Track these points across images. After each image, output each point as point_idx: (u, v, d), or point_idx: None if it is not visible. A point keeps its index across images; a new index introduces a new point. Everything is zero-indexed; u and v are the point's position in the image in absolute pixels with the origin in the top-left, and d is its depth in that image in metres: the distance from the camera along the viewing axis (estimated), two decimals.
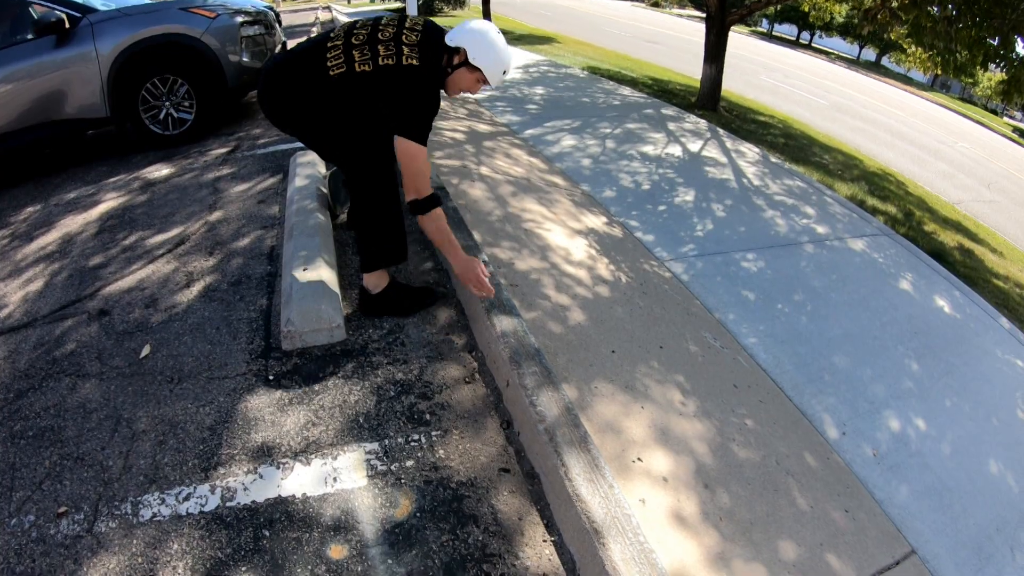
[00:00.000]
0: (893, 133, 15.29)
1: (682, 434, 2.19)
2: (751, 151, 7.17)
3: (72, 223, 3.99)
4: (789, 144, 8.73)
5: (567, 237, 3.70)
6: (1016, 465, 2.99)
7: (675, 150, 6.63)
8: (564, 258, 3.36)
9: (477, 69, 2.42)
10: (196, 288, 3.00)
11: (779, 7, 11.22)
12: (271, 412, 2.16)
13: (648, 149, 6.46)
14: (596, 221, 4.23)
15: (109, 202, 4.29)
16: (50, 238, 3.80)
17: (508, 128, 6.68)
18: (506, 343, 2.19)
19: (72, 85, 5.03)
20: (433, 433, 2.08)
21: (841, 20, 22.95)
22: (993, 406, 3.42)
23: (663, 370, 2.57)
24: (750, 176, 6.13)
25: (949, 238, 6.73)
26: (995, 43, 7.09)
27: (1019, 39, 7.00)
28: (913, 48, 8.47)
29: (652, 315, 3.06)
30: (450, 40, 2.43)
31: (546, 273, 3.10)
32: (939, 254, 5.56)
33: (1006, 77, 7.36)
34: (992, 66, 7.55)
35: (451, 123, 6.19)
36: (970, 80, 7.96)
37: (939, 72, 8.56)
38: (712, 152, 6.81)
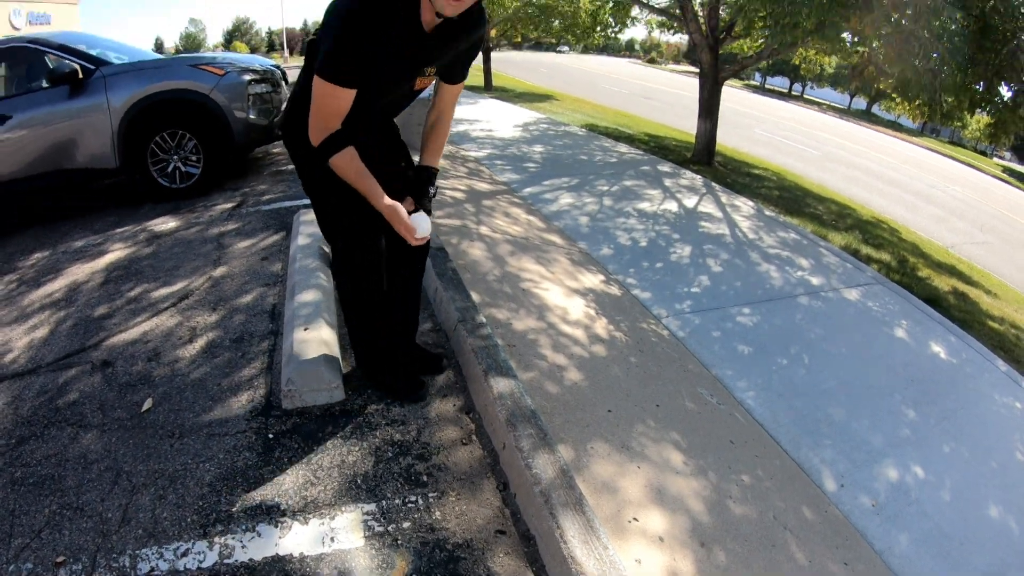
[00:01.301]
0: (885, 180, 15.52)
1: (678, 493, 2.23)
2: (746, 205, 7.31)
3: (79, 271, 4.09)
4: (783, 196, 8.88)
5: (564, 296, 3.78)
6: (1015, 507, 3.00)
7: (671, 206, 6.77)
8: (561, 317, 3.43)
9: None
10: (199, 343, 3.05)
11: (771, 61, 11.60)
12: (270, 471, 2.19)
13: (645, 206, 6.59)
14: (593, 279, 4.31)
15: (116, 252, 4.39)
16: (57, 285, 3.89)
17: (507, 186, 6.83)
18: (503, 405, 2.24)
19: (84, 135, 5.20)
20: (430, 494, 2.11)
21: (831, 71, 23.56)
22: (991, 449, 3.44)
23: (659, 428, 2.62)
24: (745, 230, 6.24)
25: (943, 282, 6.80)
26: (980, 88, 7.28)
27: (1003, 83, 7.20)
28: (900, 102, 8.69)
29: (648, 373, 3.12)
30: None
31: (543, 333, 3.17)
32: (934, 299, 5.63)
33: (992, 120, 7.55)
34: (978, 110, 7.74)
35: (452, 182, 6.35)
36: (959, 124, 8.19)
37: (927, 120, 8.76)
38: (708, 207, 6.94)
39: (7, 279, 4.15)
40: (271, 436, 2.36)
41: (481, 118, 13.24)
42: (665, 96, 27.18)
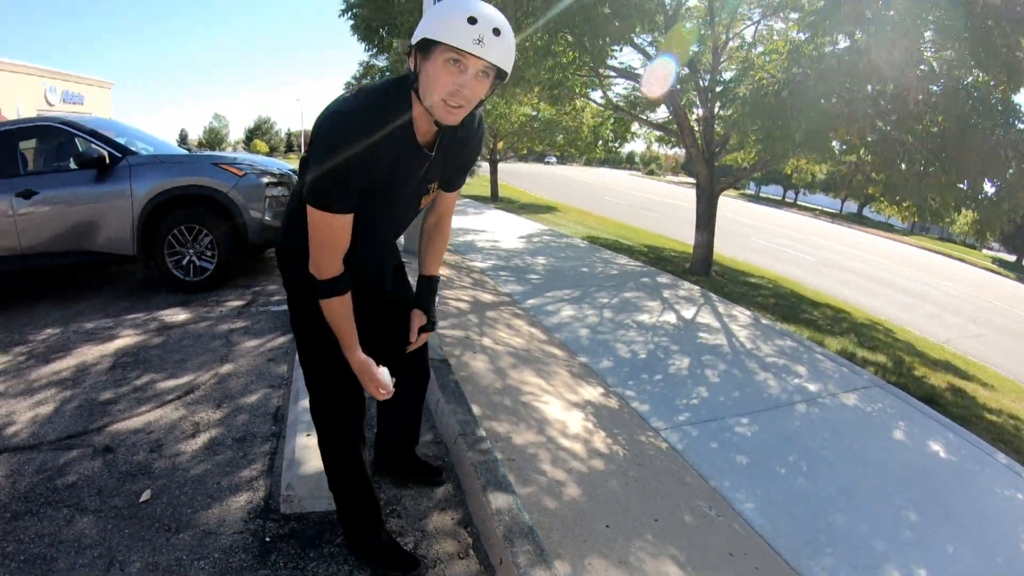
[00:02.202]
0: (879, 281, 15.80)
1: None
2: (743, 314, 7.48)
3: (88, 353, 4.15)
4: (779, 304, 9.08)
5: (564, 410, 3.87)
6: None
7: (670, 317, 6.94)
8: (560, 431, 3.52)
9: (430, 46, 1.63)
10: (201, 439, 3.07)
11: (764, 171, 12.20)
12: (265, 575, 2.19)
13: (644, 318, 6.76)
14: (593, 392, 4.42)
15: (126, 339, 4.47)
16: (66, 364, 3.95)
17: (511, 298, 7.03)
18: (500, 520, 2.30)
19: (105, 219, 5.42)
20: None
21: (823, 177, 24.41)
22: (996, 544, 3.46)
23: (657, 543, 2.66)
24: (742, 339, 6.38)
25: (940, 380, 6.87)
26: (964, 187, 7.57)
27: (987, 180, 7.49)
28: (888, 205, 9.02)
29: (647, 487, 3.17)
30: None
31: (542, 447, 3.26)
32: (930, 398, 5.70)
33: (978, 217, 7.80)
34: (964, 208, 7.99)
35: (456, 292, 6.55)
36: (947, 220, 8.44)
37: (916, 220, 9.04)
38: (705, 318, 7.12)
39: (17, 351, 4.24)
40: (268, 539, 2.35)
41: (487, 228, 13.70)
42: (664, 207, 28.07)
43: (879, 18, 6.62)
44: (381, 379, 1.95)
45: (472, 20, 1.57)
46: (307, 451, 2.71)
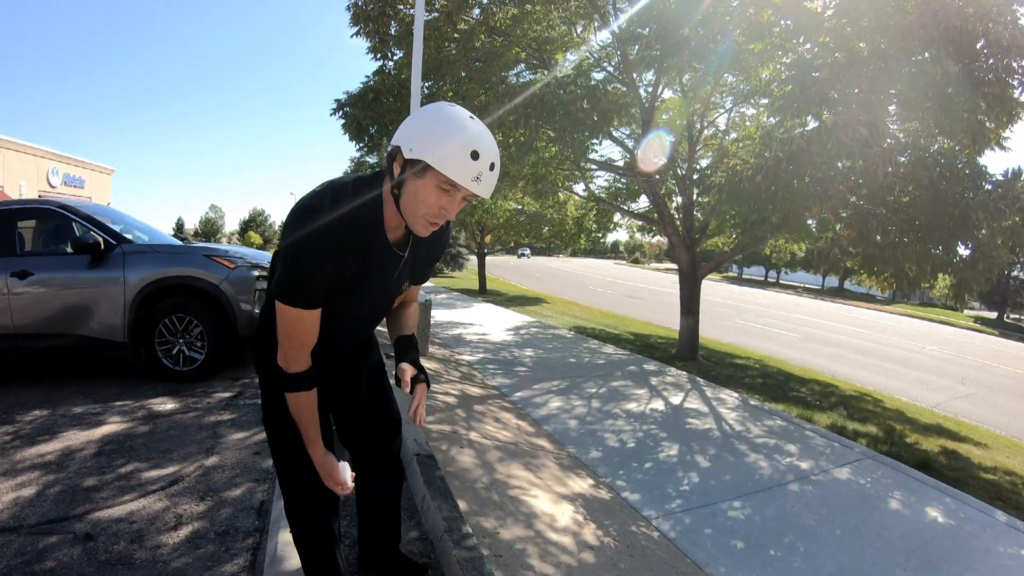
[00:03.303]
0: (864, 352, 15.88)
1: None
2: (730, 397, 7.50)
3: (74, 438, 4.12)
4: (767, 383, 9.10)
5: (553, 503, 3.83)
6: None
7: (658, 404, 6.94)
8: (549, 525, 3.47)
9: (425, 168, 1.62)
10: (183, 532, 3.01)
11: (744, 253, 12.56)
12: None
13: (632, 406, 6.76)
14: (582, 484, 4.38)
15: (112, 425, 4.44)
16: (51, 447, 3.91)
17: (498, 391, 7.03)
18: None
19: (98, 305, 5.47)
20: None
21: (802, 255, 24.93)
22: None
23: None
24: (731, 422, 6.38)
25: (932, 444, 6.85)
26: (939, 252, 7.74)
27: (960, 244, 7.67)
28: (866, 277, 9.18)
29: None
30: (389, 147, 1.77)
31: (531, 542, 3.21)
32: (924, 464, 5.68)
33: (955, 280, 7.94)
34: (940, 274, 8.14)
35: (444, 387, 6.54)
36: (926, 285, 8.59)
37: (895, 289, 9.18)
38: (693, 403, 7.12)
39: (3, 430, 4.22)
40: None
41: (475, 321, 13.81)
42: (649, 294, 28.41)
43: (845, 97, 6.96)
44: (340, 476, 1.94)
45: (475, 155, 1.60)
46: (289, 547, 2.66)
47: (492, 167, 1.66)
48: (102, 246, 5.58)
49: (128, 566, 2.68)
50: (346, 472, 1.97)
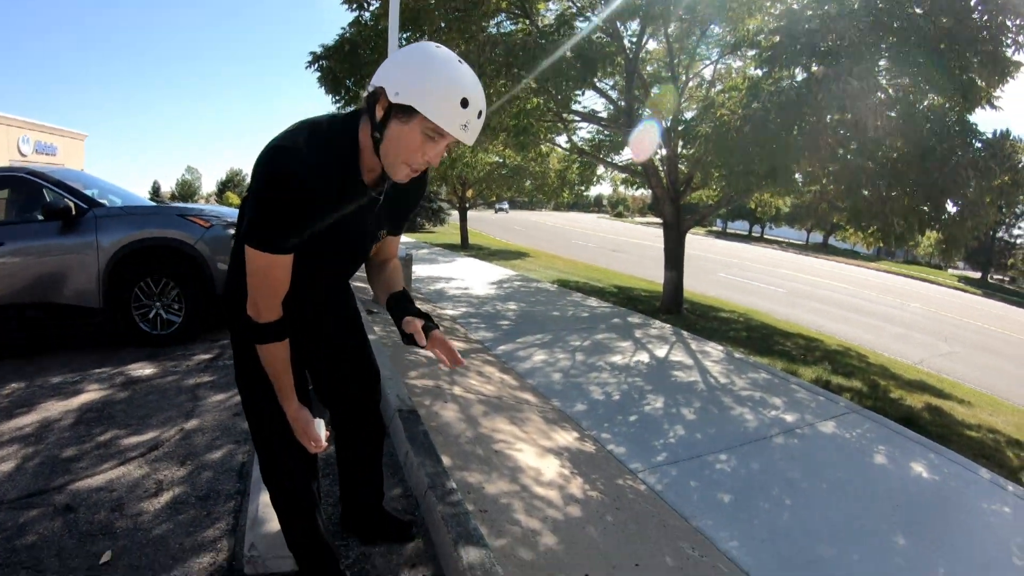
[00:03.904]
0: (848, 308, 15.97)
1: None
2: (715, 350, 7.47)
3: (52, 408, 4.03)
4: (751, 336, 9.10)
5: (538, 457, 3.77)
6: None
7: (643, 357, 6.90)
8: (535, 479, 3.41)
9: (412, 113, 1.54)
10: (164, 498, 2.95)
11: (729, 207, 12.50)
12: None
13: (617, 359, 6.71)
14: (567, 437, 4.33)
15: (91, 394, 4.34)
16: (29, 420, 3.81)
17: (482, 345, 6.96)
18: None
19: (71, 272, 5.28)
20: None
21: (787, 210, 24.96)
22: (988, 560, 3.44)
23: None
24: (716, 375, 6.35)
25: (916, 400, 6.89)
26: (927, 208, 7.70)
27: (948, 201, 7.63)
28: (853, 232, 9.14)
29: (626, 532, 3.07)
30: (370, 87, 1.65)
31: (516, 496, 3.15)
32: (908, 419, 5.70)
33: (942, 237, 7.93)
34: (928, 229, 8.13)
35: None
36: (912, 243, 8.59)
37: (881, 244, 9.15)
38: (678, 355, 7.09)
39: None
40: None
41: (457, 276, 13.70)
42: (633, 248, 28.34)
43: (835, 49, 6.80)
44: (314, 431, 1.85)
45: (464, 103, 1.53)
46: (270, 509, 2.56)
47: (480, 115, 1.59)
48: (73, 211, 5.36)
49: (109, 536, 2.62)
50: (321, 429, 1.87)
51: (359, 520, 2.66)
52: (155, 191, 65.13)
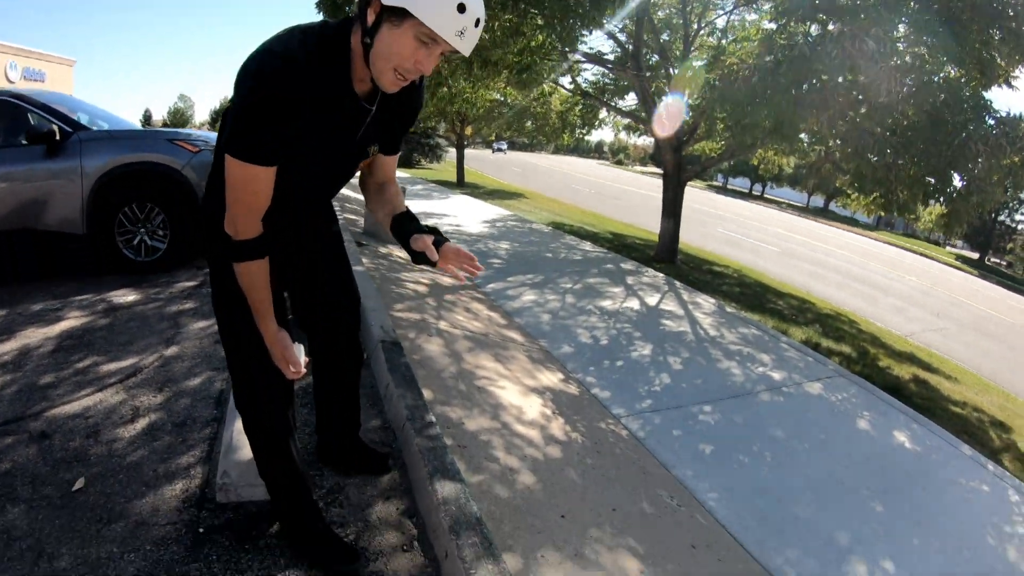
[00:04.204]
0: (843, 274, 15.93)
1: None
2: (707, 302, 7.40)
3: (32, 336, 3.96)
4: (744, 293, 9.03)
5: (521, 395, 3.71)
6: None
7: (633, 304, 6.82)
8: (516, 417, 3.35)
9: (404, 15, 1.42)
10: (140, 424, 2.92)
11: (732, 162, 12.32)
12: (200, 569, 2.03)
13: (607, 304, 6.63)
14: (552, 378, 4.26)
15: (72, 321, 4.27)
16: (7, 347, 3.75)
17: (471, 282, 6.85)
18: (446, 511, 2.12)
19: (55, 197, 5.12)
20: None
21: (790, 171, 24.71)
22: (962, 536, 3.42)
23: (616, 534, 2.51)
24: (706, 327, 6.29)
25: (904, 371, 6.88)
26: (933, 181, 7.57)
27: (955, 174, 7.50)
28: (856, 197, 9.00)
29: (606, 476, 3.03)
30: None
31: (496, 433, 3.09)
32: (895, 388, 5.68)
33: (946, 211, 7.82)
34: (932, 201, 8.02)
35: (414, 275, 6.34)
36: (912, 216, 8.47)
37: (883, 213, 9.04)
38: (669, 305, 7.01)
39: None
40: (201, 530, 2.20)
41: (451, 213, 13.51)
42: (631, 196, 28.07)
43: (854, 6, 6.54)
44: (293, 355, 1.76)
45: (461, 8, 1.42)
46: (244, 436, 2.49)
47: (477, 23, 1.48)
48: (57, 135, 5.15)
49: (83, 462, 2.58)
50: (300, 354, 1.78)
51: (335, 451, 2.59)
52: (147, 119, 63.79)
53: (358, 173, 2.02)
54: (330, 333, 2.23)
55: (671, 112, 10.05)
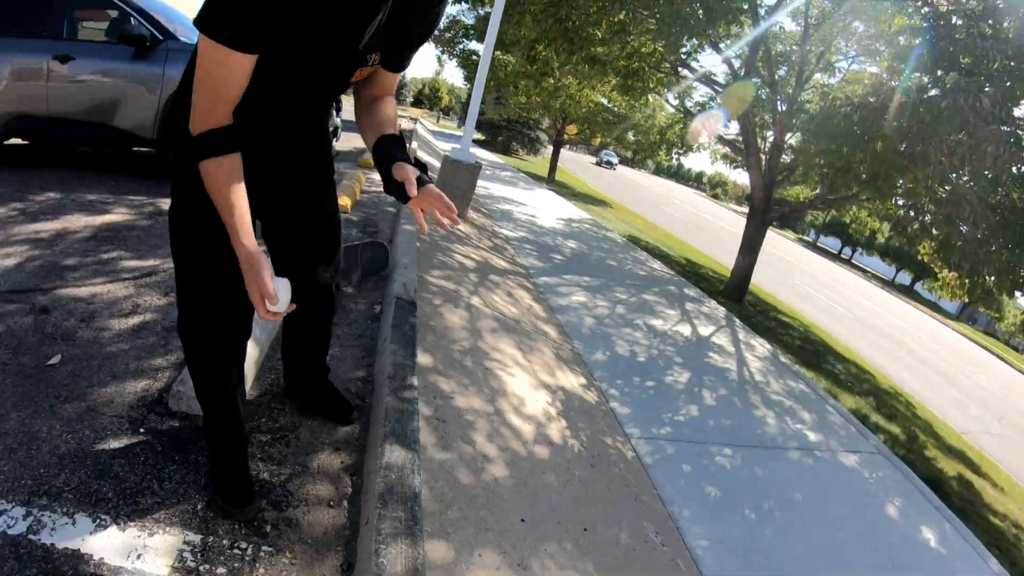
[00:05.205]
0: (913, 355, 14.95)
1: None
2: (763, 346, 6.96)
3: (76, 222, 4.14)
4: (804, 347, 8.51)
5: (530, 388, 3.47)
6: None
7: (684, 329, 6.47)
8: (514, 407, 3.12)
9: None
10: (133, 320, 2.98)
11: (827, 220, 11.73)
12: (122, 464, 1.99)
13: (657, 323, 6.30)
14: (572, 380, 4.00)
15: (116, 215, 4.46)
16: (49, 226, 3.93)
17: (525, 270, 6.65)
18: (384, 477, 1.91)
19: (134, 99, 5.27)
20: (264, 548, 1.81)
21: (882, 239, 23.55)
22: None
23: (576, 556, 2.25)
24: (753, 370, 5.89)
25: (950, 466, 6.30)
26: None
27: None
28: (940, 267, 8.37)
29: (590, 492, 2.76)
30: None
31: (485, 417, 2.86)
32: (936, 482, 5.17)
33: None
34: (1018, 295, 7.34)
35: (467, 249, 6.17)
36: (996, 314, 7.85)
37: (966, 299, 8.37)
38: (722, 340, 6.62)
39: (12, 206, 4.21)
40: (142, 431, 2.19)
41: (530, 203, 13.35)
42: (719, 231, 27.25)
43: (976, 69, 6.01)
44: (268, 286, 1.41)
45: None
46: None
47: None
48: (147, 40, 5.28)
49: (68, 342, 2.67)
50: (283, 290, 1.48)
51: (302, 389, 2.44)
52: None
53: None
54: (304, 277, 2.01)
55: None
